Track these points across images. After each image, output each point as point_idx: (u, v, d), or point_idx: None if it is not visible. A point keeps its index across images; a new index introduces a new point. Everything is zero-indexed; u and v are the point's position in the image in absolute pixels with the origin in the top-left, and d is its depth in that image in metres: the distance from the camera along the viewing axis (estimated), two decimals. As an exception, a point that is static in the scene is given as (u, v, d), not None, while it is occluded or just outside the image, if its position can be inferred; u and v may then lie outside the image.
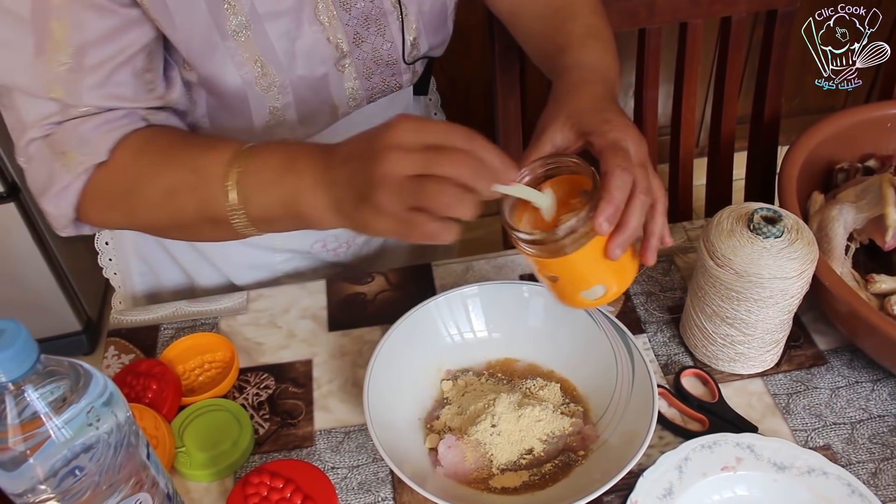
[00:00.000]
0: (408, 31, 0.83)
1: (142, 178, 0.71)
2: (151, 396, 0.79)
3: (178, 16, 0.70)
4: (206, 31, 0.73)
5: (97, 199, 0.73)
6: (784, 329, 0.80)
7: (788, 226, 0.76)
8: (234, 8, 0.72)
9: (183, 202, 0.69)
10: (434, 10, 0.85)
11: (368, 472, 0.76)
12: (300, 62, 0.78)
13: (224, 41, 0.74)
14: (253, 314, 0.91)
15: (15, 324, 0.47)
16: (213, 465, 0.75)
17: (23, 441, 0.49)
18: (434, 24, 0.86)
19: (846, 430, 0.78)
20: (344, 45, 0.80)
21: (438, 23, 0.87)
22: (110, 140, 0.71)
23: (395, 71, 0.86)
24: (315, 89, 0.81)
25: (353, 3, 0.79)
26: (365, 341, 0.87)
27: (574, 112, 0.69)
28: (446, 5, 0.86)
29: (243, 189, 0.65)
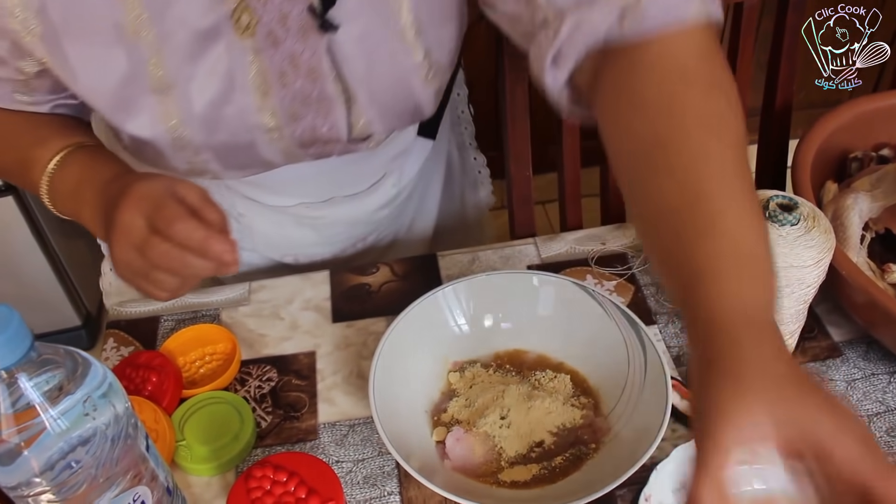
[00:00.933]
0: (355, 115, 0.75)
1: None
2: (151, 389, 0.77)
3: (85, 73, 0.68)
4: (121, 86, 0.68)
5: None
6: (799, 320, 0.78)
7: (805, 213, 0.74)
8: (159, 66, 0.67)
9: (17, 179, 0.77)
10: (396, 95, 0.75)
11: (374, 465, 0.74)
12: (223, 129, 0.72)
13: (142, 96, 0.69)
14: (255, 305, 0.89)
15: (7, 309, 0.45)
16: (215, 458, 0.73)
17: (17, 433, 0.47)
18: (396, 109, 0.77)
19: (863, 422, 0.76)
20: (278, 119, 0.73)
21: (402, 107, 0.78)
22: None
23: (339, 148, 0.79)
24: (240, 151, 0.76)
25: (292, 80, 0.71)
26: (370, 332, 0.85)
27: (771, 391, 0.45)
28: (411, 89, 0.76)
29: (51, 195, 0.73)
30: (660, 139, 0.56)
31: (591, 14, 0.59)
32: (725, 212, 0.51)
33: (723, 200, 0.52)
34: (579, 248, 0.94)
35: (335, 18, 0.68)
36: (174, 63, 0.67)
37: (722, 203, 0.52)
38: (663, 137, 0.55)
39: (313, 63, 0.70)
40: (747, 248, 0.51)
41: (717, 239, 0.50)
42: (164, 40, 0.66)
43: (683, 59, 0.58)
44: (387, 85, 0.75)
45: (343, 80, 0.72)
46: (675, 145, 0.55)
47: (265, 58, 0.69)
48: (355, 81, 0.73)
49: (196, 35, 0.66)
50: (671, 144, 0.55)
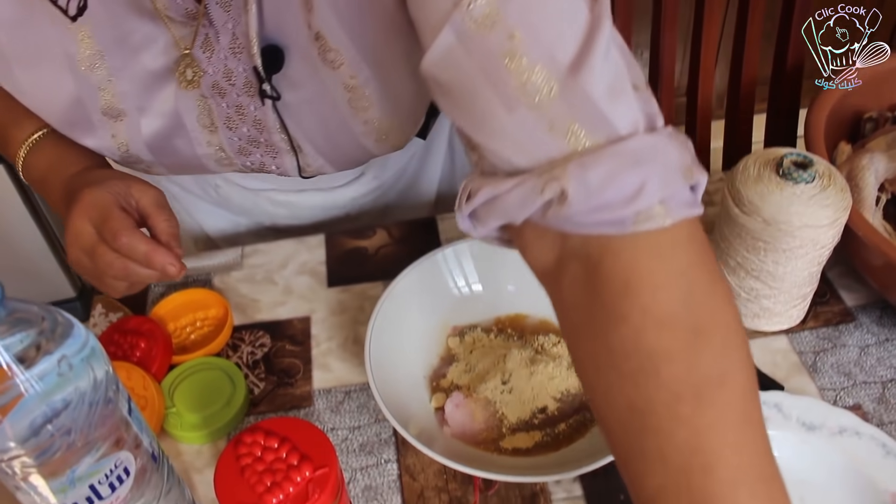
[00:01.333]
0: (304, 161, 0.74)
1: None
2: (140, 355, 0.75)
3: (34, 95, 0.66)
4: (70, 108, 0.67)
5: None
6: (812, 282, 0.75)
7: (820, 171, 0.71)
8: (111, 94, 0.66)
9: None
10: (347, 152, 0.73)
11: (371, 433, 0.71)
12: (172, 154, 0.72)
13: (93, 115, 0.67)
14: (248, 270, 0.87)
15: (-26, 260, 0.42)
16: (206, 426, 0.71)
17: (-9, 395, 0.44)
18: (348, 159, 0.76)
19: (877, 389, 0.73)
20: (227, 152, 0.72)
21: (356, 158, 0.76)
22: None
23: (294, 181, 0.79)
24: (192, 169, 0.76)
25: (238, 126, 0.70)
26: (366, 297, 0.82)
27: None
28: (364, 148, 0.73)
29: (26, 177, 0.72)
30: (646, 425, 0.45)
31: (511, 194, 0.48)
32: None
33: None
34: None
35: (279, 85, 0.66)
36: (124, 95, 0.66)
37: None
38: (650, 424, 0.45)
39: (259, 116, 0.69)
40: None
41: None
42: (114, 73, 0.65)
43: (649, 295, 0.46)
44: (336, 144, 0.73)
45: (289, 133, 0.71)
46: (666, 433, 0.44)
47: (212, 104, 0.68)
48: (302, 138, 0.71)
49: (147, 74, 0.65)
50: (661, 433, 0.44)
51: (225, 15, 0.61)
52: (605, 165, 0.46)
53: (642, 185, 0.46)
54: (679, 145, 0.48)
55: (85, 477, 0.48)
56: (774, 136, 1.14)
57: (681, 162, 0.48)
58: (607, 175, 0.46)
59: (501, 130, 0.48)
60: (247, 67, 0.65)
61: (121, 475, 0.50)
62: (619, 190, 0.46)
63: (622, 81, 0.47)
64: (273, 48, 0.63)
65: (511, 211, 0.49)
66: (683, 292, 0.46)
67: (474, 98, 0.48)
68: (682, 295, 0.46)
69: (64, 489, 0.48)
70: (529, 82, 0.46)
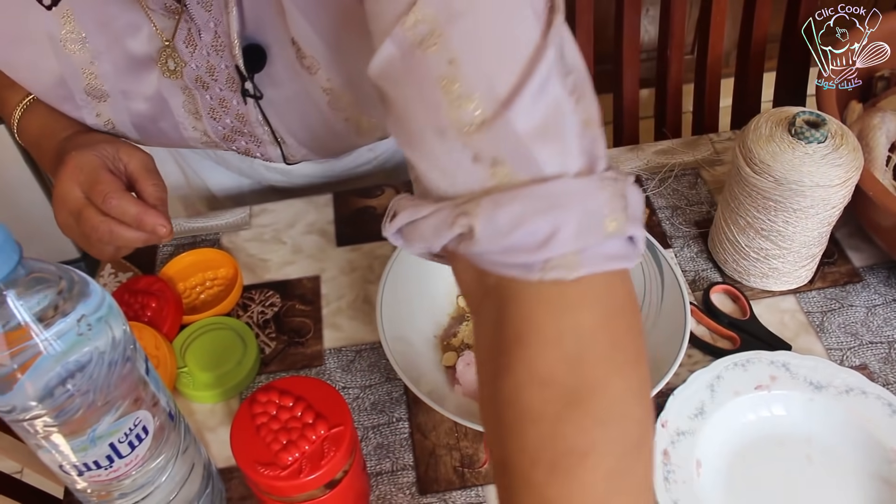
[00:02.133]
0: (289, 151, 0.75)
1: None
2: (151, 315, 0.75)
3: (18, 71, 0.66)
4: (55, 87, 0.67)
5: None
6: (821, 242, 0.75)
7: (832, 131, 0.70)
8: (93, 75, 0.66)
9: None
10: (330, 144, 0.75)
11: (382, 391, 0.72)
12: (159, 136, 0.72)
13: (77, 94, 0.67)
14: (256, 229, 0.86)
15: (-8, 221, 0.42)
16: (218, 385, 0.71)
17: (10, 357, 0.45)
18: (333, 151, 0.78)
19: (883, 349, 0.74)
20: (212, 137, 0.73)
21: (341, 149, 0.78)
22: None
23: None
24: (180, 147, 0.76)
25: (222, 117, 0.70)
26: (375, 256, 0.83)
27: None
28: (349, 141, 0.75)
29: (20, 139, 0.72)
30: (503, 482, 0.45)
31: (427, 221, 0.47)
32: None
33: None
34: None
35: (261, 82, 0.66)
36: (106, 77, 0.66)
37: None
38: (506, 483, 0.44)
39: (241, 111, 0.69)
40: None
41: None
42: (97, 56, 0.64)
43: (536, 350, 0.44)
44: (320, 138, 0.72)
45: (271, 126, 0.70)
46: (516, 495, 0.43)
47: (195, 94, 0.68)
48: (284, 132, 0.71)
49: (130, 59, 0.65)
50: (513, 494, 0.43)
51: (206, 14, 0.61)
52: (517, 205, 0.43)
53: (554, 230, 0.43)
54: (612, 194, 0.44)
55: (105, 436, 0.49)
56: (784, 94, 1.13)
57: (609, 210, 0.43)
58: (518, 216, 0.43)
59: (431, 154, 0.45)
60: (229, 65, 0.64)
61: (140, 434, 0.51)
62: (529, 234, 0.43)
63: (559, 119, 0.44)
64: (255, 47, 0.63)
65: (428, 238, 0.47)
66: (572, 354, 0.43)
67: (409, 116, 0.46)
68: (569, 356, 0.43)
69: (84, 448, 0.49)
70: (462, 110, 0.43)
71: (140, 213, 0.63)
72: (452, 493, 0.65)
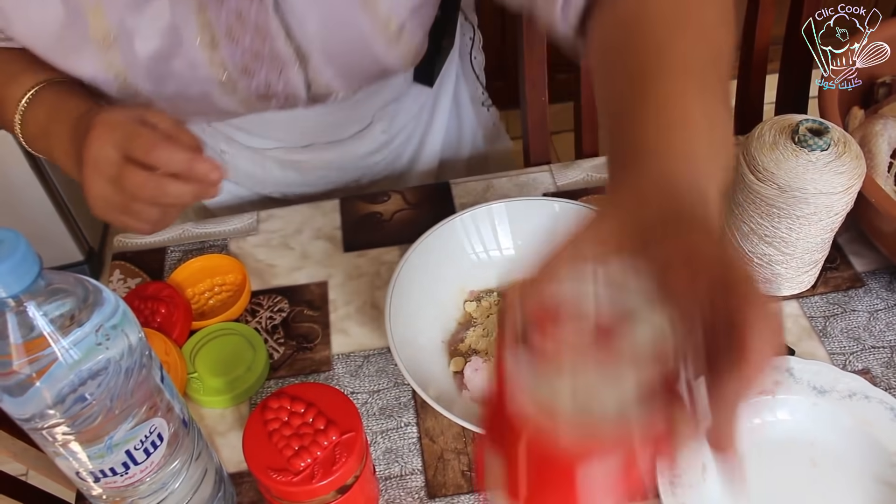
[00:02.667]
0: (312, 74, 0.72)
1: None
2: (160, 321, 0.76)
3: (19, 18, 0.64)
4: (59, 34, 0.65)
5: None
6: (824, 249, 0.76)
7: (835, 138, 0.71)
8: (98, 16, 0.64)
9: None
10: (355, 57, 0.72)
11: (390, 396, 0.73)
12: (173, 81, 0.69)
13: (82, 44, 0.65)
14: (264, 235, 0.87)
15: (13, 234, 0.43)
16: (228, 390, 0.72)
17: (28, 364, 0.45)
18: (358, 70, 0.74)
19: (885, 353, 0.75)
20: (230, 72, 0.70)
21: (365, 69, 0.74)
22: None
23: (303, 102, 0.76)
24: (194, 102, 0.72)
25: (240, 36, 0.67)
26: (382, 262, 0.83)
27: (636, 218, 0.40)
28: (373, 53, 0.72)
29: (25, 135, 0.70)
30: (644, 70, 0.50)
31: None
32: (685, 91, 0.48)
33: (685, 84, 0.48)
34: (596, 176, 0.91)
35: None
36: (115, 14, 0.64)
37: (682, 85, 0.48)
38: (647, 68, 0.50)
39: (260, 21, 0.66)
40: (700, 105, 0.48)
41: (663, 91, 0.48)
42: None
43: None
44: (344, 47, 0.70)
45: (294, 39, 0.68)
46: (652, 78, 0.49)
47: (210, 13, 0.65)
48: (307, 42, 0.68)
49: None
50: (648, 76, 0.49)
51: None
52: None
53: None
54: None
55: (121, 443, 0.50)
56: (787, 98, 1.14)
57: None
58: None
59: None
60: None
61: (155, 441, 0.52)
62: None
63: None
64: None
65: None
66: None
67: None
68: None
69: (101, 455, 0.49)
70: None
71: (191, 159, 0.57)
72: (461, 497, 0.66)
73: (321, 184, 0.96)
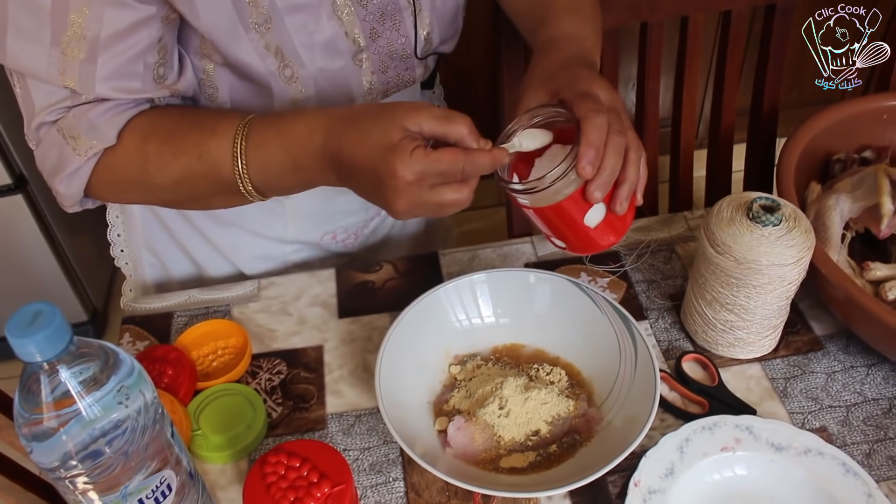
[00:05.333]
0: (421, 26, 0.85)
1: (150, 164, 0.75)
2: (167, 381, 0.81)
3: (203, 8, 0.72)
4: (230, 23, 0.74)
5: (108, 181, 0.78)
6: (782, 315, 0.82)
7: (786, 214, 0.78)
8: (256, 1, 0.74)
9: (195, 185, 0.76)
10: (447, 5, 0.87)
11: (380, 453, 0.78)
12: (319, 56, 0.80)
13: (247, 32, 0.75)
14: (264, 301, 0.94)
15: (50, 306, 0.49)
16: (229, 447, 0.78)
17: (55, 418, 0.51)
18: (446, 19, 0.88)
19: (842, 412, 0.80)
20: (361, 39, 0.81)
21: (450, 17, 0.89)
22: (117, 124, 0.75)
23: (409, 65, 0.88)
24: (335, 83, 0.83)
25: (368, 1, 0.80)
26: (374, 327, 0.90)
27: (545, 75, 0.72)
28: (458, 2, 0.88)
29: (256, 184, 0.73)
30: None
31: None
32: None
33: None
34: (574, 247, 0.98)
35: None
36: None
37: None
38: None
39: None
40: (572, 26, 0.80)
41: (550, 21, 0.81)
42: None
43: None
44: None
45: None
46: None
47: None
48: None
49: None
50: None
51: None
52: None
53: None
54: None
55: (135, 493, 0.55)
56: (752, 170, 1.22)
57: None
58: None
59: None
60: None
61: (164, 491, 0.57)
62: None
63: None
64: None
65: None
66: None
67: None
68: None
69: (117, 503, 0.55)
70: None
71: (492, 159, 0.64)
72: (444, 547, 0.71)
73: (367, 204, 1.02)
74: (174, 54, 0.78)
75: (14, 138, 1.66)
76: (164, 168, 0.75)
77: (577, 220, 0.68)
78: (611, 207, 0.68)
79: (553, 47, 0.76)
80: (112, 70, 0.72)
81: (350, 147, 0.65)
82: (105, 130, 0.74)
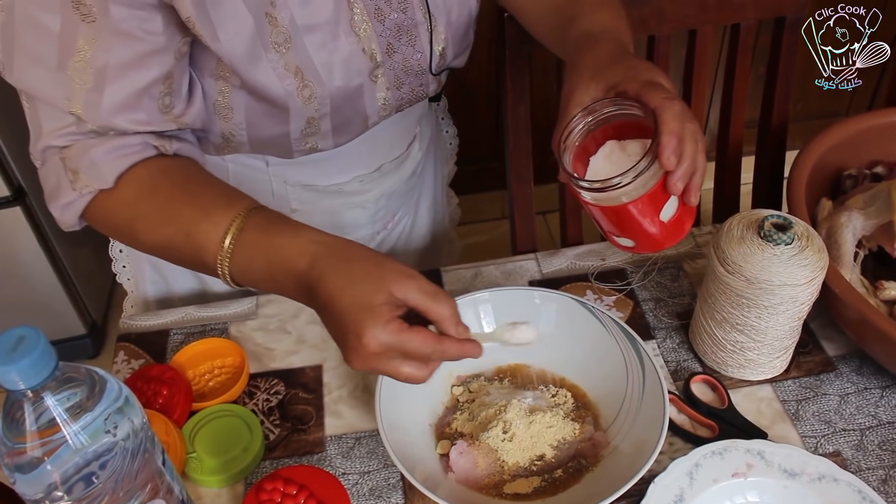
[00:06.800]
0: (436, 42, 0.85)
1: (139, 223, 0.75)
2: (162, 402, 0.79)
3: (223, 30, 0.72)
4: (250, 44, 0.73)
5: (98, 220, 0.78)
6: (793, 335, 0.80)
7: (799, 233, 0.76)
8: (276, 20, 0.73)
9: (175, 255, 0.75)
10: (461, 20, 0.86)
11: (379, 477, 0.76)
12: (337, 73, 0.79)
13: (266, 53, 0.74)
14: (262, 319, 0.92)
15: (34, 331, 0.47)
16: (225, 470, 0.75)
17: (40, 447, 0.49)
18: (460, 34, 0.87)
19: (856, 436, 0.78)
20: (377, 55, 0.81)
21: (463, 32, 0.88)
22: (118, 168, 0.74)
23: (423, 81, 0.88)
24: (350, 100, 0.82)
25: (387, 14, 0.80)
26: (375, 347, 0.87)
27: (594, 70, 0.70)
28: (471, 15, 0.88)
29: (234, 277, 0.71)
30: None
31: None
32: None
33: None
34: (579, 264, 0.96)
35: None
36: (286, 17, 0.73)
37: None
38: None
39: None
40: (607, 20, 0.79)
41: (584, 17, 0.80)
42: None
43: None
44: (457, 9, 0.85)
45: (427, 5, 0.82)
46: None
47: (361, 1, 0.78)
48: (436, 8, 0.83)
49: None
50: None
51: None
52: None
53: None
54: None
55: (124, 523, 0.53)
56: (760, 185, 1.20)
57: None
58: None
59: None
60: None
61: (155, 521, 0.55)
62: None
63: None
64: None
65: None
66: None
67: None
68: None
69: (105, 534, 0.53)
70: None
71: (459, 349, 0.64)
72: (446, 576, 0.69)
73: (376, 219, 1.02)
74: (182, 84, 0.77)
75: (13, 150, 1.65)
76: (151, 231, 0.75)
77: (654, 215, 0.66)
78: (684, 198, 0.67)
79: (593, 42, 0.75)
80: (119, 101, 0.72)
81: (330, 287, 0.64)
82: (105, 172, 0.73)
